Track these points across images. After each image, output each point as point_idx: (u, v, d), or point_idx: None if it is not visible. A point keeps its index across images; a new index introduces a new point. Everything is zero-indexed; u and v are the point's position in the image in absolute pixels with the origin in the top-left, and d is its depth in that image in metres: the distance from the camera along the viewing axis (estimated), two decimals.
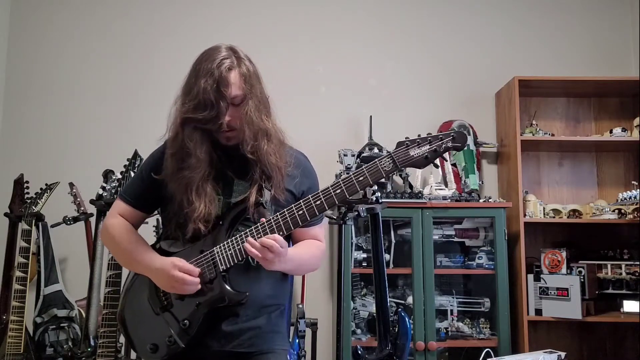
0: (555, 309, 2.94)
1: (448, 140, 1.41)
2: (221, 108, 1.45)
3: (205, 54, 1.53)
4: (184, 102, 1.49)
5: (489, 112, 3.48)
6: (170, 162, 1.52)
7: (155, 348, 1.51)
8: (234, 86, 1.46)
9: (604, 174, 3.44)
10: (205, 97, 1.44)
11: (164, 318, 1.52)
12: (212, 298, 1.47)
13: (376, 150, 3.11)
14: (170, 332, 1.49)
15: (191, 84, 1.49)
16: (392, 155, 1.43)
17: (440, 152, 1.42)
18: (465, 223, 3.12)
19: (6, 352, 2.64)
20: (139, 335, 1.56)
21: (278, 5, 3.54)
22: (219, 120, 1.46)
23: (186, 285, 1.44)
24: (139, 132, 3.37)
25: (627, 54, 3.55)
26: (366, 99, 3.44)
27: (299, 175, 1.59)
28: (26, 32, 3.52)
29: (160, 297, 1.53)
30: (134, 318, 1.57)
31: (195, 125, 1.47)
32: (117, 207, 1.64)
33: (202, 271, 1.47)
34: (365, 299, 3.08)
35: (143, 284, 1.56)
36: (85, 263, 2.84)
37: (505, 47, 3.54)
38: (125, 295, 1.62)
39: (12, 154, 3.40)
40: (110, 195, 2.62)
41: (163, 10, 3.54)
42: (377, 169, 1.42)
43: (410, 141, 1.45)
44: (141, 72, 3.48)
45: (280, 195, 1.53)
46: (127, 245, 1.57)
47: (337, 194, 1.43)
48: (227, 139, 1.51)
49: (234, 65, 1.48)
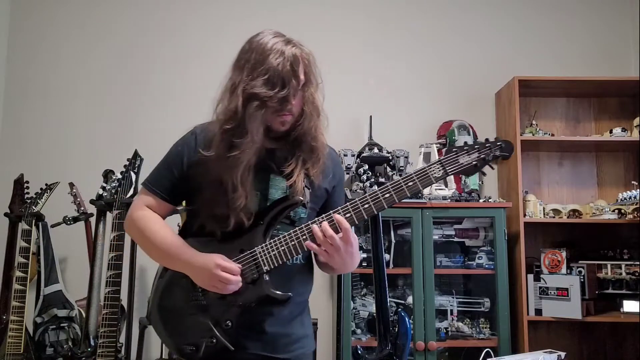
0: (555, 309, 2.94)
1: (496, 149, 1.42)
2: (292, 88, 1.40)
3: (262, 36, 1.46)
4: (251, 77, 1.40)
5: (489, 112, 3.48)
6: (221, 139, 1.42)
7: (196, 349, 1.44)
8: (301, 69, 1.43)
9: (604, 174, 3.44)
10: (277, 75, 1.38)
11: (203, 318, 1.45)
12: (256, 298, 1.43)
13: (376, 150, 3.12)
14: (212, 333, 1.43)
15: (257, 60, 1.41)
16: (442, 162, 1.42)
17: (489, 160, 1.42)
18: (465, 223, 3.12)
19: (6, 352, 2.64)
20: (176, 335, 1.48)
21: (278, 5, 3.54)
22: (286, 101, 1.41)
23: (230, 285, 1.39)
24: (139, 132, 3.38)
25: (627, 54, 3.55)
26: (366, 99, 3.44)
27: (331, 168, 1.58)
28: (26, 32, 3.52)
29: (199, 297, 1.46)
30: (169, 318, 1.50)
31: (261, 102, 1.39)
32: (143, 198, 1.54)
33: (244, 270, 1.43)
34: (365, 299, 3.08)
35: (177, 282, 1.49)
36: (85, 263, 2.84)
37: (505, 47, 3.54)
38: (157, 294, 1.53)
39: (12, 154, 3.40)
40: (110, 195, 2.61)
41: (163, 10, 3.54)
42: (427, 176, 1.42)
43: (458, 148, 1.43)
44: (141, 72, 3.48)
45: (317, 188, 1.52)
46: (161, 240, 1.48)
47: (386, 198, 1.42)
48: (282, 123, 1.46)
49: (299, 50, 1.45)
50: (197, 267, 1.42)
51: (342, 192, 1.69)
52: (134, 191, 2.58)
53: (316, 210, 1.57)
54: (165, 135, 3.78)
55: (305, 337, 1.57)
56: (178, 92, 3.44)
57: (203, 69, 3.45)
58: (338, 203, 1.54)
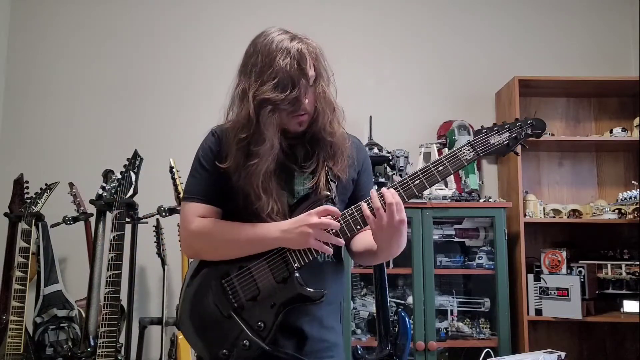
0: (555, 309, 2.94)
1: (527, 127, 1.40)
2: (302, 87, 1.36)
3: (266, 36, 1.41)
4: (260, 82, 1.36)
5: (489, 112, 3.48)
6: (237, 149, 1.38)
7: (229, 353, 1.39)
8: (309, 65, 1.38)
9: (604, 174, 3.44)
10: (286, 76, 1.34)
11: (235, 321, 1.39)
12: (288, 297, 1.38)
13: (376, 150, 3.11)
14: (245, 336, 1.37)
15: (264, 63, 1.36)
16: (472, 143, 1.39)
17: (521, 139, 1.40)
18: (465, 223, 3.12)
19: (6, 352, 2.64)
20: (207, 340, 1.42)
21: (278, 5, 3.54)
22: (299, 102, 1.37)
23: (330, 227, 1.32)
24: (139, 132, 3.38)
25: (627, 54, 3.55)
26: (366, 99, 3.44)
27: (354, 157, 1.53)
28: (26, 32, 3.52)
29: (229, 298, 1.41)
30: (199, 324, 1.44)
31: (274, 107, 1.35)
32: (192, 210, 1.45)
33: (273, 270, 1.39)
34: (365, 299, 3.07)
35: (206, 286, 1.44)
36: (85, 263, 2.84)
37: (505, 47, 3.55)
38: (186, 299, 1.47)
39: (12, 154, 3.40)
40: (110, 195, 2.61)
41: (164, 10, 3.54)
42: (458, 158, 1.37)
43: (488, 129, 1.40)
44: (141, 72, 3.48)
45: (343, 178, 1.47)
46: (235, 232, 1.41)
47: (417, 184, 1.36)
48: (299, 124, 1.42)
49: (305, 45, 1.39)
50: (291, 229, 1.35)
51: (369, 178, 1.61)
52: (134, 191, 2.57)
53: (345, 202, 1.52)
54: (165, 135, 3.79)
55: (337, 346, 1.52)
56: (178, 92, 3.44)
57: (203, 69, 3.45)
58: (366, 189, 1.51)
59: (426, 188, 1.38)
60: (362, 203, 1.36)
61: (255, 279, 1.41)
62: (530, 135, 1.40)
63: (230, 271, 1.43)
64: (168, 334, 2.93)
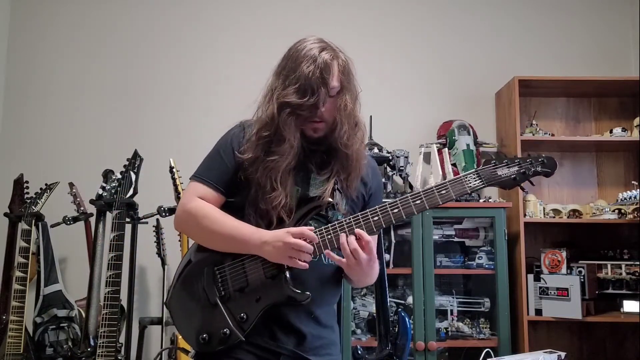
0: (555, 309, 2.94)
1: (538, 165, 1.39)
2: (321, 96, 1.41)
3: (302, 42, 1.49)
4: (284, 85, 1.44)
5: (489, 112, 3.48)
6: (257, 144, 1.46)
7: (208, 339, 1.44)
8: (334, 77, 1.45)
9: (604, 174, 3.44)
10: (307, 83, 1.41)
11: (220, 309, 1.44)
12: (273, 294, 1.42)
13: (376, 150, 3.11)
14: (226, 324, 1.42)
15: (291, 68, 1.45)
16: (479, 171, 1.41)
17: (529, 176, 1.39)
18: (465, 223, 3.12)
19: (6, 352, 2.64)
20: (191, 324, 1.48)
21: (278, 5, 3.53)
22: (316, 109, 1.42)
23: (302, 251, 1.37)
24: (138, 132, 3.38)
25: (627, 54, 3.55)
26: (366, 98, 3.41)
27: (369, 176, 1.59)
28: (26, 32, 3.52)
29: (218, 287, 1.46)
30: (186, 306, 1.50)
31: (292, 110, 1.42)
32: (195, 190, 1.51)
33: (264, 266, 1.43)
34: (365, 299, 3.07)
35: (199, 270, 1.49)
36: (85, 263, 2.83)
37: (505, 47, 3.54)
38: (177, 283, 1.53)
39: (12, 154, 3.40)
40: (110, 195, 2.61)
41: (164, 10, 3.54)
42: (462, 184, 1.40)
43: (497, 159, 1.41)
44: (141, 72, 3.48)
45: (353, 193, 1.52)
46: (223, 225, 1.46)
47: (417, 204, 1.41)
48: (314, 130, 1.48)
49: (334, 56, 1.47)
50: (270, 242, 1.40)
51: (378, 203, 1.62)
52: (134, 191, 2.58)
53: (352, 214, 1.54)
54: (165, 135, 3.79)
55: (335, 344, 1.56)
56: (178, 92, 3.44)
57: (203, 69, 3.45)
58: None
59: (426, 209, 1.42)
60: (342, 235, 1.40)
61: (246, 271, 1.46)
62: (539, 173, 1.38)
63: (224, 260, 1.48)
64: (168, 334, 2.94)
